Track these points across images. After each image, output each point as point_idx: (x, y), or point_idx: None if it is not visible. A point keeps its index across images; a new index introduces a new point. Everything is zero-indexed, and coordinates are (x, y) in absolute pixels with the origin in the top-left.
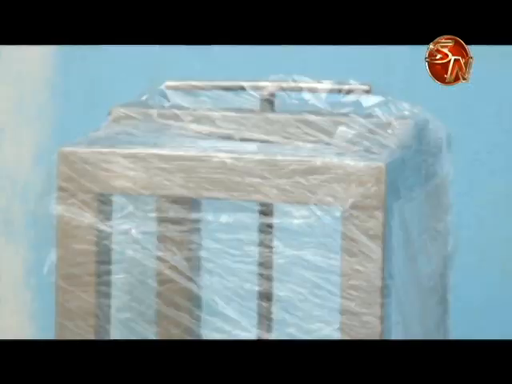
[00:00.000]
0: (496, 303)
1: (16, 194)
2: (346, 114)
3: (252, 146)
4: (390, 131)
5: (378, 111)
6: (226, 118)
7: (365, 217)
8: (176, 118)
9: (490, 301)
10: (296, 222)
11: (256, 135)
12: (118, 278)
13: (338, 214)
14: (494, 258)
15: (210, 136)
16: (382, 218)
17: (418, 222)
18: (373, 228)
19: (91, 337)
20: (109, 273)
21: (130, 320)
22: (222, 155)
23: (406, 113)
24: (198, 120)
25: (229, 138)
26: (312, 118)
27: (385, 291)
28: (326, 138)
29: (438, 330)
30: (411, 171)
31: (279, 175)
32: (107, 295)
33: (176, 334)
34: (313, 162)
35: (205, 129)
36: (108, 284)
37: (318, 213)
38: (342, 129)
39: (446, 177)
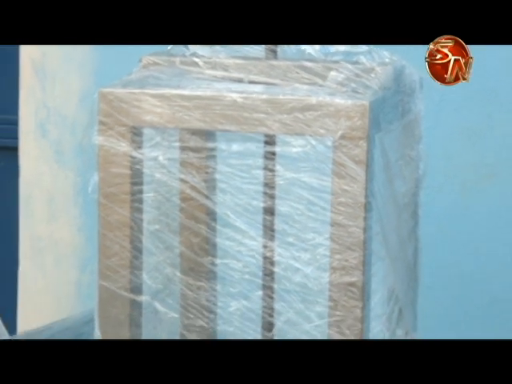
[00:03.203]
0: (457, 215)
1: (66, 128)
2: (336, 61)
3: (258, 87)
4: (373, 75)
5: (363, 59)
6: (236, 65)
7: (352, 146)
8: (195, 64)
9: (452, 213)
10: (294, 150)
11: (262, 78)
12: (148, 196)
13: (329, 143)
14: (456, 180)
15: (223, 79)
16: (366, 147)
17: (396, 150)
18: (358, 155)
19: (127, 244)
20: (141, 192)
21: (158, 231)
22: (234, 95)
23: (387, 60)
24: (213, 66)
25: (239, 80)
26: (308, 64)
27: (367, 207)
28: (320, 81)
29: (410, 238)
30: (390, 108)
31: (281, 111)
32: (140, 210)
33: (196, 243)
34: (309, 100)
35: (219, 73)
36: (140, 201)
37: (313, 142)
38: (333, 73)
39: (419, 113)
